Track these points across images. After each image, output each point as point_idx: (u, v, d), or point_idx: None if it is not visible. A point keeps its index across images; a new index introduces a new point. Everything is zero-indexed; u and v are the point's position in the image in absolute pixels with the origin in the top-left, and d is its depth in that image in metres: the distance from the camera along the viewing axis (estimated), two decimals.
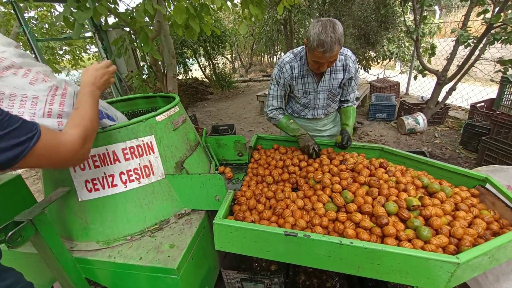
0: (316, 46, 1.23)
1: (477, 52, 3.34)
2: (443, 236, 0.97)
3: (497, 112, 2.76)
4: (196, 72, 10.06)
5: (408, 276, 0.90)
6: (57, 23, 5.43)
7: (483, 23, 3.12)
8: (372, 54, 6.07)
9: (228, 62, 11.87)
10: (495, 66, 3.39)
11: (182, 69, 8.22)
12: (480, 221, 1.03)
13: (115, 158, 1.10)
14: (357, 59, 6.27)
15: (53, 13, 6.09)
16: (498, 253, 0.91)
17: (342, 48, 1.45)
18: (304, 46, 1.41)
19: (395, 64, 8.54)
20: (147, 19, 2.67)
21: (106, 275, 1.10)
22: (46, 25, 6.02)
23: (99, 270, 1.09)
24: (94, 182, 1.09)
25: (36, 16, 6.12)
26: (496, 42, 2.97)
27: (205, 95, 8.15)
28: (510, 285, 1.20)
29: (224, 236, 1.03)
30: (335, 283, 1.66)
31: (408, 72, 6.13)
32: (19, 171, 3.86)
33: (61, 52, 7.54)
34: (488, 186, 1.22)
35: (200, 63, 8.66)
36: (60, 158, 0.69)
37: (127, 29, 2.93)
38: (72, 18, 1.78)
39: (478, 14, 3.06)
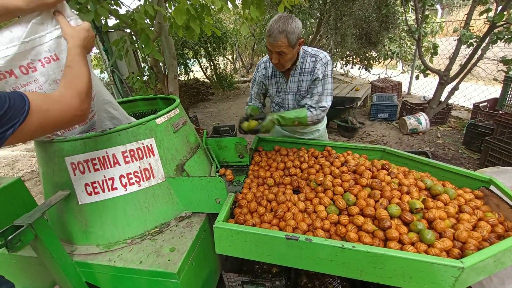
0: (267, 32, 1.32)
1: (479, 52, 3.31)
2: (447, 239, 0.95)
3: (500, 112, 2.73)
4: (197, 73, 10.07)
5: (412, 281, 0.88)
6: None
7: (486, 22, 3.10)
8: (374, 53, 6.05)
9: (229, 62, 11.87)
10: (498, 65, 3.36)
11: (183, 70, 8.22)
12: (484, 223, 1.02)
13: (115, 161, 1.09)
14: (358, 59, 6.26)
15: None
16: (504, 256, 0.90)
17: (318, 50, 1.49)
18: None
19: (396, 64, 8.50)
20: (147, 20, 2.68)
21: (106, 279, 1.09)
22: None
23: (99, 274, 1.09)
24: (94, 185, 1.09)
25: None
26: (499, 41, 2.95)
27: (206, 95, 8.15)
28: None
29: (224, 240, 1.03)
30: (337, 285, 1.64)
31: (410, 71, 6.10)
32: (21, 173, 3.88)
33: None
34: (492, 187, 1.20)
35: (201, 64, 8.66)
36: (60, 118, 0.70)
37: (128, 30, 2.94)
38: None
39: (481, 13, 3.03)
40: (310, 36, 5.96)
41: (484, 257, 0.84)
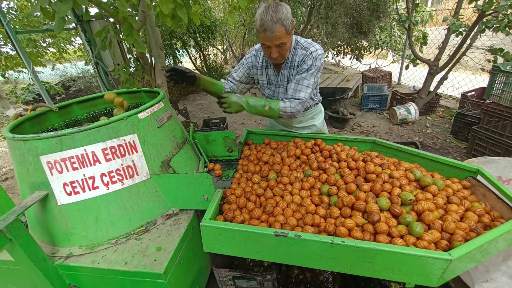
0: (259, 27, 1.21)
1: (468, 41, 3.32)
2: (436, 231, 0.95)
3: (487, 101, 2.77)
4: (186, 64, 9.83)
5: (401, 274, 0.88)
6: (36, 14, 5.14)
7: (475, 11, 3.09)
8: (365, 43, 6.01)
9: (219, 53, 11.61)
10: (486, 54, 3.38)
11: (172, 61, 7.98)
12: (471, 214, 1.02)
13: (95, 159, 1.04)
14: (350, 49, 6.22)
15: (34, 3, 5.76)
16: (490, 247, 0.90)
17: (311, 43, 1.39)
18: None
19: (387, 54, 8.51)
20: (130, 9, 2.55)
21: (90, 281, 1.05)
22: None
23: (83, 276, 1.05)
24: (74, 185, 1.03)
25: (15, 7, 5.80)
26: (488, 30, 2.95)
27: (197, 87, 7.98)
28: (500, 276, 1.21)
29: (212, 238, 1.00)
30: (328, 276, 1.66)
31: (400, 61, 6.11)
32: (3, 170, 3.74)
33: (44, 45, 7.21)
34: (479, 177, 1.21)
35: (191, 55, 8.43)
36: None
37: (112, 20, 2.80)
38: (51, 8, 1.66)
39: (470, 2, 3.02)
40: (301, 26, 5.86)
41: (471, 249, 0.84)
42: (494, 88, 2.57)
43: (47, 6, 1.55)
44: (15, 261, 0.97)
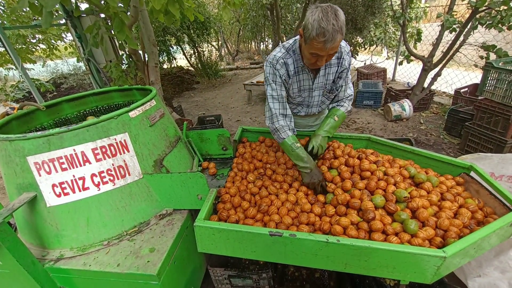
0: (316, 35, 1.05)
1: (461, 37, 3.33)
2: (430, 228, 0.95)
3: (480, 98, 2.79)
4: (180, 61, 9.71)
5: (395, 271, 0.88)
6: (24, 9, 4.98)
7: (468, 8, 3.10)
8: (360, 39, 6.01)
9: (214, 49, 11.50)
10: (479, 51, 3.40)
11: (166, 58, 7.87)
12: (465, 210, 1.03)
13: (85, 159, 1.01)
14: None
15: None
16: (483, 243, 0.91)
17: None
18: (296, 38, 1.28)
19: (382, 50, 8.53)
20: (121, 4, 2.49)
21: (82, 284, 1.03)
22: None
23: (75, 278, 1.03)
24: (63, 186, 1.00)
25: (3, 2, 5.62)
26: (481, 26, 2.97)
27: (191, 84, 7.90)
28: (492, 270, 1.23)
29: (206, 239, 0.99)
30: (324, 272, 1.66)
31: (395, 58, 6.13)
32: None
33: (34, 41, 7.02)
34: (472, 174, 1.22)
35: (185, 51, 8.32)
36: None
37: (103, 15, 2.73)
38: (38, 3, 1.60)
39: None
40: (297, 22, 5.82)
41: (465, 245, 0.85)
42: (487, 85, 2.59)
43: (35, 1, 1.50)
44: (2, 265, 0.94)
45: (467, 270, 1.28)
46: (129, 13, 2.38)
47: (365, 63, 6.76)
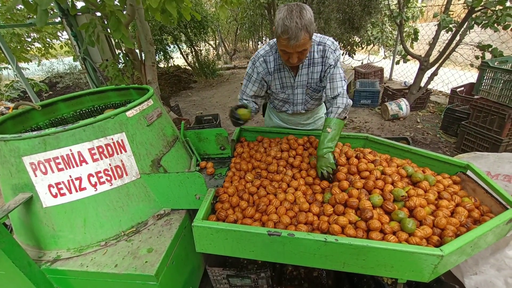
0: (281, 33, 1.10)
1: (458, 37, 3.36)
2: (427, 227, 0.96)
3: (476, 97, 2.81)
4: (178, 60, 9.65)
5: (393, 270, 0.89)
6: (19, 7, 4.92)
7: (465, 7, 3.12)
8: (357, 39, 6.02)
9: (211, 48, 11.46)
10: (474, 50, 3.43)
11: (163, 57, 7.83)
12: (462, 209, 1.04)
13: (82, 159, 1.00)
14: (342, 44, 6.22)
15: None
16: (480, 241, 0.92)
17: (323, 36, 1.35)
18: None
19: (379, 50, 8.56)
20: (117, 2, 2.46)
21: (79, 285, 1.02)
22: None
23: (72, 279, 1.02)
24: (59, 186, 0.99)
25: None
26: (477, 26, 2.99)
27: (189, 83, 7.87)
28: (488, 268, 1.24)
29: (204, 239, 0.98)
30: (322, 271, 1.67)
31: (392, 57, 6.16)
32: None
33: (29, 40, 6.94)
34: (469, 172, 1.23)
35: (182, 50, 8.28)
36: None
37: (99, 14, 2.70)
38: (33, 1, 1.58)
39: None
40: None
41: (462, 244, 0.85)
42: (483, 84, 2.61)
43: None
44: None
45: (464, 268, 1.29)
46: (125, 11, 2.36)
47: (362, 62, 6.78)
